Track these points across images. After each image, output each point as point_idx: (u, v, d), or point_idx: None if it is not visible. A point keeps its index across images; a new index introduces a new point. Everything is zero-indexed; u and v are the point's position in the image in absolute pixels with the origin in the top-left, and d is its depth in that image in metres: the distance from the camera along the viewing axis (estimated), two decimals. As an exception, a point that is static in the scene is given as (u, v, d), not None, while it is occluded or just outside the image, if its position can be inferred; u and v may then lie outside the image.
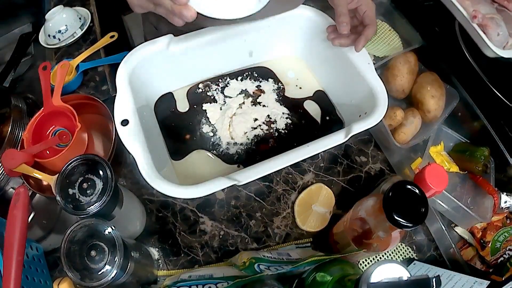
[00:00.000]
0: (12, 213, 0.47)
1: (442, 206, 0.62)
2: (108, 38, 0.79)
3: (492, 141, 0.68)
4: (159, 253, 0.61)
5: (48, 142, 0.60)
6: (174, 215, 0.63)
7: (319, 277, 0.43)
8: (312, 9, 0.66)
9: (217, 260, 0.61)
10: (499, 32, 0.66)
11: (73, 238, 0.44)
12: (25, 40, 0.82)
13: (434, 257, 0.64)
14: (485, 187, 0.68)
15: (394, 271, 0.33)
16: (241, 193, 0.66)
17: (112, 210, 0.49)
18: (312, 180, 0.68)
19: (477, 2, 0.68)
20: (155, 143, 0.63)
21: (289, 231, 0.64)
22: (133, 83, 0.58)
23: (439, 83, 0.71)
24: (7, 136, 0.62)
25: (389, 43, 0.84)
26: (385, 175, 0.70)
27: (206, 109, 0.68)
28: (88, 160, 0.47)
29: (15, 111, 0.65)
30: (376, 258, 0.63)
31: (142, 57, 0.59)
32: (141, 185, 0.65)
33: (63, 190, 0.46)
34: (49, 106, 0.62)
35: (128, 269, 0.45)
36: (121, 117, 0.52)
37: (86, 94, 0.70)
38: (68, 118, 0.62)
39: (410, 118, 0.70)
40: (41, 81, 0.63)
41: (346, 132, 0.53)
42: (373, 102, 0.57)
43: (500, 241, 0.65)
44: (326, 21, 0.64)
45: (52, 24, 0.80)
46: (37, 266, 0.54)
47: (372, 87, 0.58)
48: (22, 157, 0.56)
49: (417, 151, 0.70)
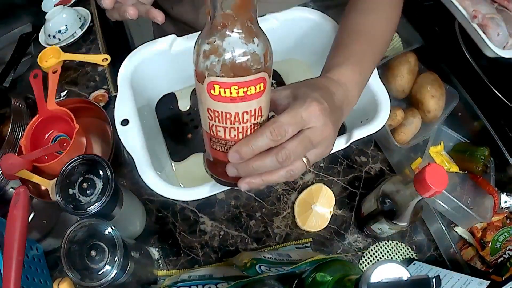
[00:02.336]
0: (12, 213, 0.47)
1: (442, 206, 0.62)
2: (100, 60, 0.77)
3: (492, 141, 0.68)
4: (159, 253, 0.61)
5: (48, 149, 0.60)
6: (174, 215, 0.63)
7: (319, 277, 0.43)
8: (316, 12, 0.66)
9: (217, 260, 0.61)
10: (499, 32, 0.66)
11: (73, 238, 0.44)
12: (25, 40, 0.82)
13: (434, 257, 0.64)
14: (485, 187, 0.68)
15: (394, 271, 0.33)
16: (241, 193, 0.66)
17: (112, 210, 0.49)
18: (312, 180, 0.68)
19: (477, 2, 0.68)
20: (155, 144, 0.63)
21: (289, 231, 0.64)
22: (135, 83, 0.58)
23: (439, 83, 0.71)
24: (7, 136, 0.63)
25: (389, 43, 0.84)
26: (385, 175, 0.70)
27: (206, 109, 0.68)
28: (88, 160, 0.47)
29: (15, 111, 0.66)
30: (376, 258, 0.63)
31: (145, 57, 0.59)
32: (141, 185, 0.64)
33: (63, 190, 0.46)
34: (44, 111, 0.62)
35: (128, 269, 0.45)
36: (121, 117, 0.52)
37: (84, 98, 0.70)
38: (66, 123, 0.62)
39: (410, 118, 0.70)
40: (34, 89, 0.63)
41: (347, 138, 0.53)
42: (375, 108, 0.57)
43: (500, 241, 0.65)
44: (330, 24, 0.64)
45: (52, 24, 0.80)
46: (37, 266, 0.54)
47: (375, 93, 0.58)
48: (20, 164, 0.56)
49: (417, 151, 0.70)
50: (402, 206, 0.53)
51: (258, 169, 0.37)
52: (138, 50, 0.59)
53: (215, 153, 0.39)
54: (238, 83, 0.32)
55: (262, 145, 0.36)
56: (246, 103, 0.34)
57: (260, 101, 0.34)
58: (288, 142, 0.36)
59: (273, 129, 0.35)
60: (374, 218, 0.58)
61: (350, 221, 0.65)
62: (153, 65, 0.61)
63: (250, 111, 0.34)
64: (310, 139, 0.37)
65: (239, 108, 0.34)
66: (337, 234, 0.64)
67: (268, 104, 0.37)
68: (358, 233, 0.65)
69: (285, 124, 0.36)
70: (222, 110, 0.34)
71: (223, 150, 0.37)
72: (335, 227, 0.65)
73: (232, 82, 0.32)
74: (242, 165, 0.37)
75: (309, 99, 0.38)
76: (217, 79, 0.32)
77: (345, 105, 0.45)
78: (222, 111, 0.34)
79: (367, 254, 0.63)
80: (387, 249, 0.64)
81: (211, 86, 0.32)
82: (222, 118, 0.34)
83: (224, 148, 0.37)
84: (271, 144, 0.36)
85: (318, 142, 0.38)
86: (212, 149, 0.39)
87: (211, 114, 0.35)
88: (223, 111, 0.34)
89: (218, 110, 0.34)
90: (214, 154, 0.39)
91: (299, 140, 0.37)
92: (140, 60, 0.59)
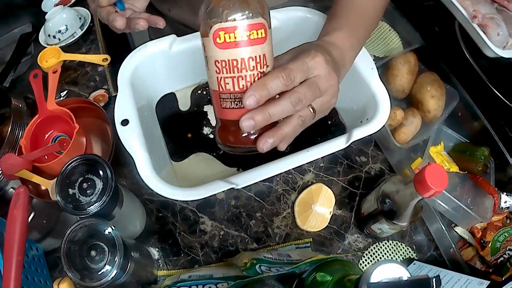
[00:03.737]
0: (12, 213, 0.47)
1: (442, 206, 0.62)
2: (100, 60, 0.77)
3: (492, 141, 0.68)
4: (159, 253, 0.61)
5: (48, 149, 0.60)
6: (174, 215, 0.63)
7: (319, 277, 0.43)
8: (316, 12, 0.66)
9: (217, 260, 0.61)
10: (499, 32, 0.66)
11: (73, 238, 0.44)
12: (25, 40, 0.82)
13: (434, 257, 0.64)
14: (485, 187, 0.68)
15: (394, 271, 0.33)
16: (241, 193, 0.66)
17: (112, 210, 0.49)
18: (312, 180, 0.68)
19: (477, 2, 0.68)
20: (155, 144, 0.63)
21: (289, 231, 0.64)
22: (135, 82, 0.58)
23: (439, 83, 0.71)
24: (7, 136, 0.63)
25: (389, 43, 0.84)
26: (385, 175, 0.70)
27: (207, 110, 0.68)
28: (88, 160, 0.47)
29: (15, 111, 0.66)
30: (376, 258, 0.63)
31: (145, 57, 0.59)
32: (141, 185, 0.64)
33: (63, 190, 0.46)
34: (44, 111, 0.63)
35: (128, 269, 0.45)
36: (121, 117, 0.52)
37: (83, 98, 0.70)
38: (66, 123, 0.62)
39: (410, 118, 0.70)
40: (34, 89, 0.63)
41: (347, 138, 0.53)
42: (375, 108, 0.57)
43: (500, 241, 0.65)
44: None
45: (52, 24, 0.81)
46: (37, 266, 0.54)
47: (375, 93, 0.58)
48: (20, 164, 0.56)
49: (417, 151, 0.70)
50: (402, 206, 0.53)
51: (274, 115, 0.37)
52: (138, 50, 0.59)
53: (225, 114, 0.40)
54: (240, 26, 0.36)
55: (276, 88, 0.37)
56: (251, 48, 0.36)
57: (263, 48, 0.37)
58: (298, 87, 0.38)
59: (284, 73, 0.37)
60: (374, 218, 0.58)
61: (350, 221, 0.65)
62: (153, 65, 0.61)
63: (256, 58, 0.37)
64: (318, 85, 0.40)
65: (244, 53, 0.36)
66: (337, 234, 0.64)
67: (272, 56, 0.39)
68: (358, 233, 0.65)
69: (293, 70, 0.38)
70: (228, 58, 0.36)
71: (233, 106, 0.38)
72: (335, 227, 0.65)
73: (234, 25, 0.36)
74: (258, 113, 0.37)
75: (313, 51, 0.40)
76: (221, 25, 0.36)
77: (342, 67, 0.47)
78: (229, 59, 0.36)
79: (367, 254, 0.63)
80: (387, 249, 0.64)
81: (217, 34, 0.36)
82: (229, 67, 0.37)
83: (234, 103, 0.38)
84: (283, 88, 0.37)
85: (324, 90, 0.41)
86: (222, 111, 0.40)
87: (219, 67, 0.37)
88: (229, 59, 0.36)
89: (225, 59, 0.37)
90: (225, 116, 0.40)
91: (308, 84, 0.39)
92: (140, 60, 0.59)
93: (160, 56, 0.61)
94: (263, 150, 0.39)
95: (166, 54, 0.61)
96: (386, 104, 0.57)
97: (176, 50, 0.61)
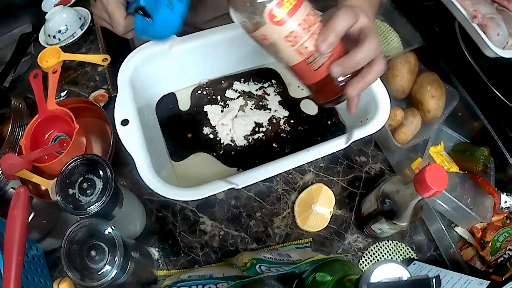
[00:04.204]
0: (12, 213, 0.47)
1: (442, 206, 0.62)
2: (100, 60, 0.78)
3: (492, 141, 0.68)
4: (159, 253, 0.61)
5: (48, 149, 0.60)
6: (174, 215, 0.63)
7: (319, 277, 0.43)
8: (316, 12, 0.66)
9: (217, 260, 0.61)
10: (499, 32, 0.66)
11: (73, 238, 0.44)
12: (25, 40, 0.82)
13: (434, 257, 0.64)
14: (485, 187, 0.68)
15: (394, 271, 0.33)
16: (241, 193, 0.66)
17: (112, 210, 0.49)
18: (312, 180, 0.68)
19: (477, 2, 0.68)
20: (155, 144, 0.63)
21: (289, 231, 0.64)
22: (135, 83, 0.58)
23: (439, 83, 0.71)
24: (7, 136, 0.63)
25: (389, 43, 0.84)
26: (385, 175, 0.70)
27: (207, 110, 0.68)
28: (88, 160, 0.47)
29: (15, 111, 0.66)
30: (376, 258, 0.63)
31: (145, 57, 0.59)
32: (141, 185, 0.64)
33: (63, 190, 0.46)
34: (44, 111, 0.63)
35: (128, 269, 0.45)
36: (121, 117, 0.52)
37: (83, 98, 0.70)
38: (66, 123, 0.62)
39: (410, 118, 0.70)
40: (34, 89, 0.63)
41: (347, 138, 0.53)
42: (375, 108, 0.57)
43: (500, 241, 0.65)
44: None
45: (52, 24, 0.81)
46: (37, 266, 0.54)
47: (375, 93, 0.58)
48: (20, 164, 0.56)
49: (417, 151, 0.70)
50: (402, 206, 0.53)
51: (359, 62, 0.41)
52: (138, 50, 0.59)
53: (318, 74, 0.42)
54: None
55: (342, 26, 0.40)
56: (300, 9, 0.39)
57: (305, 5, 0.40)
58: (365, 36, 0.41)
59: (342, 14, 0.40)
60: (374, 218, 0.58)
61: (350, 221, 0.65)
62: (153, 65, 0.61)
63: (308, 14, 0.40)
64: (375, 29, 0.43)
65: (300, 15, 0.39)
66: (337, 234, 0.64)
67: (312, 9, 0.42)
68: (358, 233, 0.65)
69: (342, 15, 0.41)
70: (293, 27, 0.39)
71: (323, 61, 0.41)
72: (335, 227, 0.65)
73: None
74: (346, 61, 0.41)
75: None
76: (271, 4, 0.38)
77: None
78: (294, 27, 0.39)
79: (367, 254, 0.63)
80: (387, 249, 0.64)
81: (272, 15, 0.38)
82: (299, 33, 0.39)
83: (320, 59, 0.41)
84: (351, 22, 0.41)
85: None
86: (314, 74, 0.42)
87: (290, 40, 0.39)
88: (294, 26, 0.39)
89: (292, 29, 0.39)
90: (317, 76, 0.42)
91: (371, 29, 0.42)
92: (140, 60, 0.59)
93: (160, 56, 0.61)
94: (351, 94, 0.42)
95: (166, 54, 0.61)
96: (386, 104, 0.57)
97: (176, 50, 0.61)
